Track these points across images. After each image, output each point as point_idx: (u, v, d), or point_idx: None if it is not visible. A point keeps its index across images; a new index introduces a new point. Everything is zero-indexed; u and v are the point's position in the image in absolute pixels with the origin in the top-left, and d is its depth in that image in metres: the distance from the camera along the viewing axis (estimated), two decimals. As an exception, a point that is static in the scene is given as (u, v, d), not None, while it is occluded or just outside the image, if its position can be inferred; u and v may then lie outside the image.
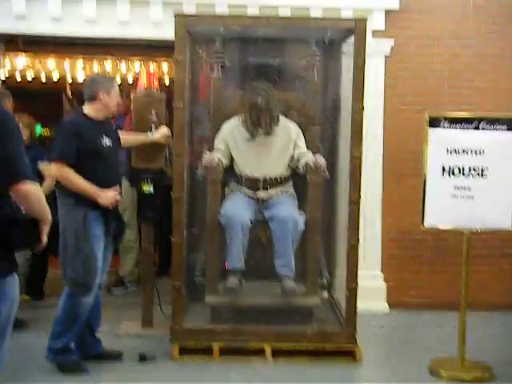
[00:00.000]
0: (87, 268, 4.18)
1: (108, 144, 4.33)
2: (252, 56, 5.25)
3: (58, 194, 4.29)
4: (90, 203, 4.20)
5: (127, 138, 4.87)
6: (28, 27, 5.74)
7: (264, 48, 5.21)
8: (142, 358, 4.52)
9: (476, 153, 4.42)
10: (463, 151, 4.44)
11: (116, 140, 4.50)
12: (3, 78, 7.32)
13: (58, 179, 4.28)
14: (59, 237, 4.22)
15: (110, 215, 4.33)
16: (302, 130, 5.01)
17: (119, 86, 4.62)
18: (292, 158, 4.90)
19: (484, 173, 4.41)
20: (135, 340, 4.95)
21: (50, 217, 2.73)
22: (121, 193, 4.41)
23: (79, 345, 4.39)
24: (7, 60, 7.87)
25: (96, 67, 8.32)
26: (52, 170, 4.27)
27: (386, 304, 5.95)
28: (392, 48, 5.88)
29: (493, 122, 4.40)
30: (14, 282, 2.73)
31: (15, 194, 2.61)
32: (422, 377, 4.41)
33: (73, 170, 4.16)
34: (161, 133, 4.94)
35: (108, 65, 8.29)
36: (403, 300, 5.98)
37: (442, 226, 4.57)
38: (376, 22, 5.81)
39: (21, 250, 2.96)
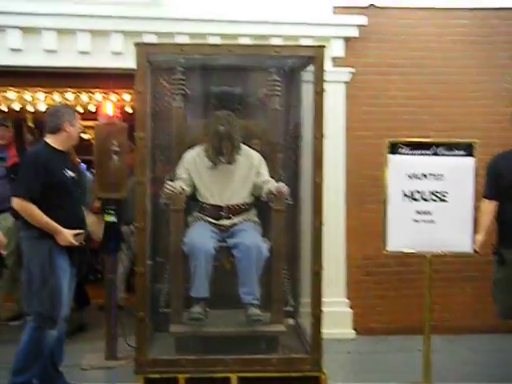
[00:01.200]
0: (53, 300, 4.13)
1: (71, 175, 4.31)
2: (213, 85, 5.26)
3: (22, 226, 4.24)
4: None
5: None
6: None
7: (225, 77, 5.24)
8: (107, 391, 4.46)
9: (435, 177, 4.49)
10: (423, 176, 4.50)
11: (76, 171, 4.47)
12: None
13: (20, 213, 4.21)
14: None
15: (75, 247, 4.28)
16: (265, 158, 5.02)
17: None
18: (255, 185, 4.91)
19: (444, 197, 4.48)
20: (99, 373, 4.89)
21: None
22: (83, 233, 4.35)
23: (42, 379, 4.29)
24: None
25: (57, 98, 8.26)
26: (15, 203, 4.18)
27: (353, 330, 5.97)
28: (352, 75, 5.97)
29: (450, 148, 4.48)
30: None
31: None
32: (388, 402, 4.42)
33: (35, 206, 4.10)
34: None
35: (69, 95, 8.24)
36: (369, 325, 6.01)
37: (405, 250, 4.61)
38: (335, 50, 5.92)
39: None
